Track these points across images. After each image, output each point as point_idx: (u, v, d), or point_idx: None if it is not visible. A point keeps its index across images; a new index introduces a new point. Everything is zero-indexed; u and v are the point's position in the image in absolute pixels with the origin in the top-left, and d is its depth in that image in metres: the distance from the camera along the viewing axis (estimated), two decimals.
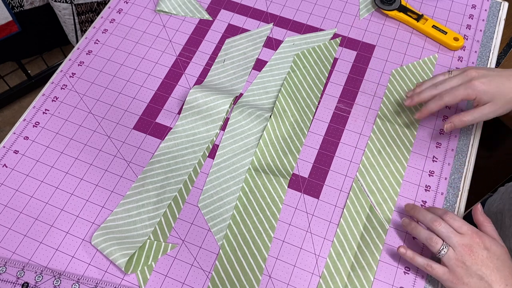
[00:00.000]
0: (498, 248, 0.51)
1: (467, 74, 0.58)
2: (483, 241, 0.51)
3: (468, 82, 0.57)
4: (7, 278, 0.56)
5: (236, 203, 0.61)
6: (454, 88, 0.58)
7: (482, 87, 0.56)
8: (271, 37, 0.76)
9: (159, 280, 0.56)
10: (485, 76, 0.57)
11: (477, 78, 0.57)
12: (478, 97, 0.57)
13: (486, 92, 0.56)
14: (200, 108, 0.66)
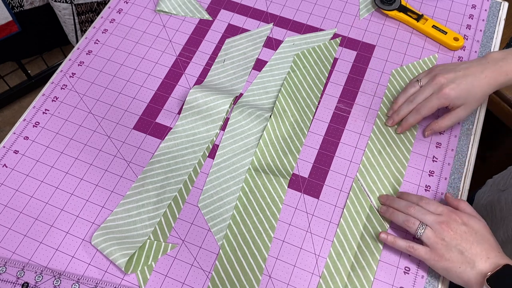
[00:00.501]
0: (476, 223, 0.53)
1: (436, 82, 0.60)
2: (460, 217, 0.53)
3: (439, 91, 0.59)
4: (7, 278, 0.56)
5: (236, 203, 0.61)
6: (428, 100, 0.60)
7: (453, 93, 0.59)
8: (271, 37, 0.76)
9: (159, 280, 0.56)
10: (453, 80, 0.59)
11: (446, 84, 0.59)
12: (452, 103, 0.60)
13: (458, 97, 0.59)
14: (200, 108, 0.66)
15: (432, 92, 0.60)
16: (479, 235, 0.51)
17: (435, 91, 0.60)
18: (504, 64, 0.59)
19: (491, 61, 0.59)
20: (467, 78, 0.59)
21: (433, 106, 0.60)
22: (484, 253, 0.50)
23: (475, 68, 0.59)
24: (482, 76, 0.59)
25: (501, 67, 0.59)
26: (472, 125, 0.67)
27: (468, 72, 0.59)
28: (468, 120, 0.67)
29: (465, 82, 0.59)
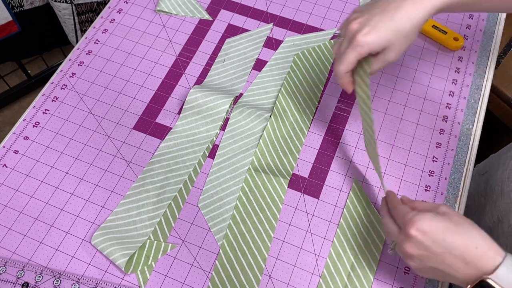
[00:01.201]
0: (438, 223, 0.45)
1: (349, 30, 0.50)
2: (417, 229, 0.45)
3: (352, 40, 0.49)
4: (7, 278, 0.56)
5: (236, 203, 0.61)
6: (344, 53, 0.50)
7: (368, 38, 0.48)
8: (271, 37, 0.76)
9: (159, 280, 0.56)
10: (367, 23, 0.48)
11: (359, 30, 0.49)
12: (372, 50, 0.49)
13: (375, 41, 0.48)
14: (200, 108, 0.66)
15: (348, 44, 0.50)
16: (447, 242, 0.44)
17: (349, 41, 0.50)
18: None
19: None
20: (385, 14, 0.48)
21: (349, 59, 0.50)
22: (459, 264, 0.44)
23: (393, 3, 0.48)
24: (406, 3, 0.47)
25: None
26: (472, 125, 0.67)
27: (388, 6, 0.48)
28: (468, 120, 0.67)
29: (382, 19, 0.48)
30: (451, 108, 0.68)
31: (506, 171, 0.62)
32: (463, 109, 0.68)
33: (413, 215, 0.46)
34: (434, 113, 0.68)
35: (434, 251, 0.44)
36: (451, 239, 0.44)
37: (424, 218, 0.45)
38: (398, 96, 0.69)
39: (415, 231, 0.45)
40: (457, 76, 0.71)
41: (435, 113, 0.68)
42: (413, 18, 0.47)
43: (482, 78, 0.71)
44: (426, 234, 0.45)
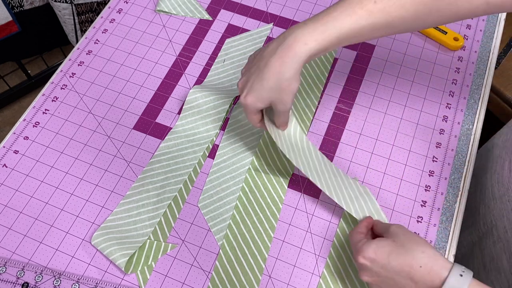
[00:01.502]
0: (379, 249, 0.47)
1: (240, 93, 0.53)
2: (364, 257, 0.48)
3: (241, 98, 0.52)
4: (7, 278, 0.56)
5: (236, 203, 0.61)
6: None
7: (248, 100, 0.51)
8: (271, 37, 0.76)
9: (159, 280, 0.56)
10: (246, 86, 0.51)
11: (241, 92, 0.52)
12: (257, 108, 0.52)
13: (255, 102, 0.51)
14: (200, 108, 0.66)
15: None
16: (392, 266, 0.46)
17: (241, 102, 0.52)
18: (302, 35, 0.47)
19: (288, 31, 0.48)
20: (258, 74, 0.49)
21: (247, 117, 0.54)
22: (410, 284, 0.45)
23: (268, 50, 0.49)
24: (273, 60, 0.48)
25: (298, 38, 0.47)
26: (472, 125, 0.67)
27: (260, 63, 0.49)
28: (468, 120, 0.68)
29: (256, 80, 0.49)
30: (451, 108, 0.68)
31: (494, 175, 0.61)
32: (463, 109, 0.68)
33: (361, 244, 0.49)
34: (434, 113, 0.68)
35: (384, 275, 0.46)
36: (395, 262, 0.46)
37: (369, 246, 0.48)
38: (398, 96, 0.70)
39: (363, 260, 0.48)
40: (457, 76, 0.71)
41: (435, 113, 0.68)
42: (282, 72, 0.48)
43: (482, 78, 0.71)
44: (373, 261, 0.47)
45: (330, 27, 0.47)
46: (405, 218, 0.60)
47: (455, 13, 0.48)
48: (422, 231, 0.59)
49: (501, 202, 0.58)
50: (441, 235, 0.59)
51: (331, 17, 0.47)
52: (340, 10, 0.47)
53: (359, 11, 0.47)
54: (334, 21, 0.47)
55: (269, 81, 0.49)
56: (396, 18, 0.48)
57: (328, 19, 0.47)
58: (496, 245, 0.61)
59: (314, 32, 0.47)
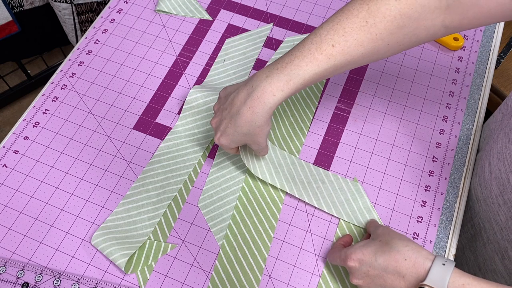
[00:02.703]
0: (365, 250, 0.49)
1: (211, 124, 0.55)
2: (352, 260, 0.49)
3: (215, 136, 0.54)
4: (7, 278, 0.56)
5: (236, 203, 0.61)
6: None
7: (222, 142, 0.54)
8: (271, 37, 0.76)
9: (159, 280, 0.56)
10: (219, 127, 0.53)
11: (215, 133, 0.54)
12: (231, 148, 0.56)
13: (229, 144, 0.54)
14: (200, 108, 0.66)
15: None
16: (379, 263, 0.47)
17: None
18: (268, 85, 0.49)
19: (256, 82, 0.50)
20: (230, 119, 0.51)
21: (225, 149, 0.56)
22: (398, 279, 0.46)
23: (239, 98, 0.51)
24: (245, 109, 0.50)
25: (265, 89, 0.49)
26: (472, 125, 0.67)
27: (233, 108, 0.51)
28: (468, 120, 0.68)
29: (228, 125, 0.52)
30: (451, 108, 0.68)
31: (476, 177, 0.62)
32: (463, 109, 0.68)
33: (346, 250, 0.51)
34: (434, 113, 0.68)
35: (372, 274, 0.48)
36: (381, 259, 0.47)
37: (355, 249, 0.50)
38: (398, 96, 0.70)
39: (352, 262, 0.49)
40: (457, 76, 0.71)
41: (435, 113, 0.68)
42: (253, 121, 0.50)
43: (482, 78, 0.71)
44: (361, 261, 0.49)
45: (294, 76, 0.49)
46: (405, 218, 0.60)
47: (415, 41, 0.50)
48: (422, 231, 0.59)
49: (486, 205, 0.59)
50: (441, 235, 0.59)
51: (293, 65, 0.49)
52: (301, 58, 0.49)
53: (319, 56, 0.48)
54: (297, 69, 0.49)
55: (242, 128, 0.51)
56: (356, 56, 0.49)
57: (291, 67, 0.49)
58: (486, 247, 0.61)
59: (280, 82, 0.49)
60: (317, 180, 0.61)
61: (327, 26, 0.49)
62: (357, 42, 0.48)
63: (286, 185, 0.61)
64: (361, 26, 0.48)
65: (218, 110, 0.55)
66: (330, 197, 0.60)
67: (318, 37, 0.49)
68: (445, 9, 0.47)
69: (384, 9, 0.47)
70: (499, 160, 0.56)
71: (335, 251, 0.54)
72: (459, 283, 0.44)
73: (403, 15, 0.47)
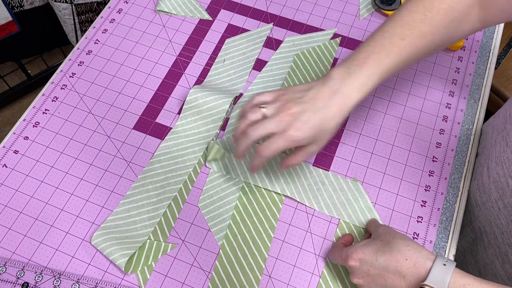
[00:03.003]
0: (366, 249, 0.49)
1: (281, 119, 0.50)
2: (353, 259, 0.49)
3: (284, 132, 0.50)
4: (7, 278, 0.56)
5: (236, 203, 0.61)
6: (272, 141, 0.50)
7: (300, 135, 0.50)
8: (271, 37, 0.76)
9: (159, 280, 0.56)
10: (299, 117, 0.50)
11: (292, 124, 0.49)
12: (300, 144, 0.51)
13: (306, 138, 0.50)
14: (200, 108, 0.66)
15: (276, 129, 0.50)
16: (380, 262, 0.47)
17: (279, 131, 0.50)
18: (353, 81, 0.50)
19: (338, 79, 0.51)
20: (317, 113, 0.50)
21: (278, 148, 0.50)
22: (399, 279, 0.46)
23: (324, 94, 0.50)
24: (333, 103, 0.50)
25: (351, 85, 0.50)
26: (472, 125, 0.67)
27: (317, 102, 0.50)
28: (468, 120, 0.68)
29: (314, 117, 0.50)
30: (451, 108, 0.68)
31: (475, 182, 0.62)
32: (463, 109, 0.68)
33: (347, 249, 0.51)
34: (434, 113, 0.68)
35: (373, 273, 0.48)
36: (382, 258, 0.47)
37: (356, 248, 0.50)
38: (398, 96, 0.70)
39: (353, 262, 0.49)
40: (457, 76, 0.71)
41: (435, 113, 0.68)
42: (337, 117, 0.50)
43: (482, 78, 0.71)
44: (362, 260, 0.49)
45: (375, 71, 0.51)
46: (405, 218, 0.60)
47: (461, 35, 0.55)
48: (422, 231, 0.59)
49: (485, 209, 0.59)
50: (441, 235, 0.59)
51: (372, 59, 0.51)
52: (377, 52, 0.51)
53: (393, 49, 0.51)
54: (376, 63, 0.51)
55: (325, 122, 0.50)
56: (421, 48, 0.52)
57: (370, 62, 0.51)
58: (487, 251, 0.61)
59: (363, 77, 0.50)
60: (317, 182, 0.61)
61: (391, 23, 0.52)
62: (421, 34, 0.51)
63: (287, 189, 0.61)
64: (421, 19, 0.51)
65: (293, 97, 0.51)
66: (330, 198, 0.60)
67: (387, 32, 0.51)
68: (479, 3, 0.52)
69: (437, 3, 0.51)
70: (497, 164, 0.56)
71: (336, 250, 0.54)
72: (460, 283, 0.44)
73: (453, 9, 0.51)
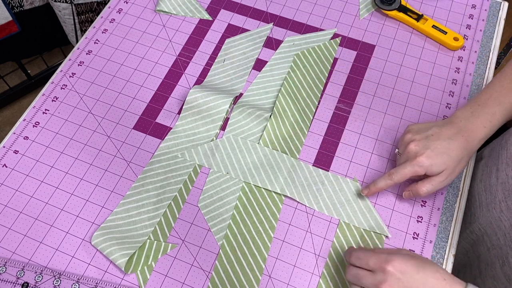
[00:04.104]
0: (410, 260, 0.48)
1: (409, 150, 0.56)
2: (394, 267, 0.47)
3: (413, 158, 0.55)
4: (7, 278, 0.56)
5: (236, 203, 0.61)
6: (402, 166, 0.56)
7: (428, 161, 0.54)
8: (271, 37, 0.76)
9: (159, 280, 0.56)
10: (427, 146, 0.55)
11: (420, 152, 0.55)
12: (428, 171, 0.55)
13: (434, 164, 0.54)
14: (200, 108, 0.66)
15: (407, 159, 0.56)
16: (420, 277, 0.47)
17: (409, 158, 0.56)
18: (477, 119, 0.56)
19: (463, 119, 0.56)
20: (442, 142, 0.55)
21: (406, 173, 0.55)
22: None
23: (447, 129, 0.56)
24: (458, 137, 0.55)
25: (475, 122, 0.55)
26: None
27: (442, 135, 0.55)
28: None
29: (440, 146, 0.54)
30: (451, 108, 0.68)
31: (481, 183, 0.62)
32: None
33: (387, 255, 0.49)
34: (434, 113, 0.68)
35: (409, 286, 0.47)
36: (423, 274, 0.47)
37: (398, 257, 0.48)
38: (398, 96, 0.70)
39: (392, 268, 0.47)
40: (457, 76, 0.71)
41: (435, 113, 0.68)
42: (463, 150, 0.55)
43: (482, 78, 0.71)
44: (402, 271, 0.48)
45: (497, 109, 0.56)
46: (405, 218, 0.60)
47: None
48: (422, 231, 0.59)
49: (487, 210, 0.59)
50: (441, 235, 0.59)
51: (493, 99, 0.56)
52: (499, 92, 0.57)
53: None
54: (497, 104, 0.56)
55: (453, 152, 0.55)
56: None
57: (492, 102, 0.56)
58: (490, 252, 0.61)
59: (487, 116, 0.56)
60: (317, 182, 0.61)
61: (508, 70, 0.58)
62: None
63: (287, 189, 0.61)
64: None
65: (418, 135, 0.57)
66: (330, 199, 0.60)
67: (506, 75, 0.58)
68: None
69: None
70: (508, 166, 0.56)
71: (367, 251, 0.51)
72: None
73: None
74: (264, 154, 0.63)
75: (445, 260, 0.58)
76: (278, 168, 0.62)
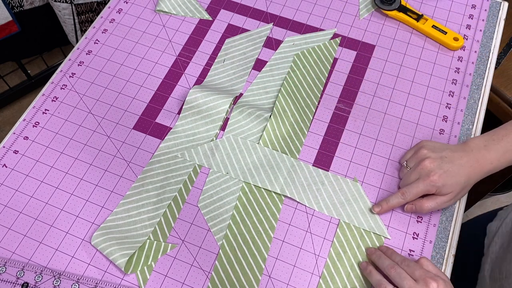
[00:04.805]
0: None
1: (423, 167, 0.58)
2: (438, 285, 0.49)
3: (427, 177, 0.57)
4: (7, 278, 0.56)
5: (236, 203, 0.61)
6: (414, 185, 0.58)
7: (441, 182, 0.56)
8: (271, 37, 0.76)
9: (159, 280, 0.56)
10: (441, 166, 0.57)
11: (434, 171, 0.57)
12: (438, 191, 0.57)
13: (445, 185, 0.56)
14: (200, 108, 0.66)
15: (419, 176, 0.58)
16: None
17: (422, 176, 0.57)
18: (487, 153, 0.57)
19: (475, 149, 0.58)
20: (453, 166, 0.57)
21: (419, 192, 0.57)
22: None
23: (459, 155, 0.58)
24: (467, 165, 0.57)
25: (484, 156, 0.57)
26: (472, 125, 0.67)
27: (454, 159, 0.57)
28: (468, 120, 0.67)
29: (452, 169, 0.57)
30: (451, 108, 0.68)
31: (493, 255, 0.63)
32: (463, 109, 0.68)
33: (435, 273, 0.51)
34: (434, 113, 0.68)
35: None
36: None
37: (444, 282, 0.49)
38: (398, 96, 0.70)
39: (435, 285, 0.48)
40: (457, 76, 0.71)
41: (435, 113, 0.68)
42: (472, 177, 0.57)
43: (482, 78, 0.71)
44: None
45: (510, 149, 0.57)
46: (405, 218, 0.60)
47: None
48: (422, 231, 0.59)
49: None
50: (441, 235, 0.59)
51: (509, 138, 0.57)
52: None
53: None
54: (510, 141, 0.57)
55: (461, 178, 0.57)
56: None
57: (507, 140, 0.57)
58: None
59: (497, 153, 0.57)
60: (317, 182, 0.61)
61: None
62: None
63: (287, 189, 0.61)
64: None
65: (433, 153, 0.59)
66: (330, 199, 0.60)
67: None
68: None
69: None
70: None
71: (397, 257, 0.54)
72: None
73: None
74: (264, 154, 0.63)
75: (445, 260, 0.58)
76: (278, 168, 0.62)
